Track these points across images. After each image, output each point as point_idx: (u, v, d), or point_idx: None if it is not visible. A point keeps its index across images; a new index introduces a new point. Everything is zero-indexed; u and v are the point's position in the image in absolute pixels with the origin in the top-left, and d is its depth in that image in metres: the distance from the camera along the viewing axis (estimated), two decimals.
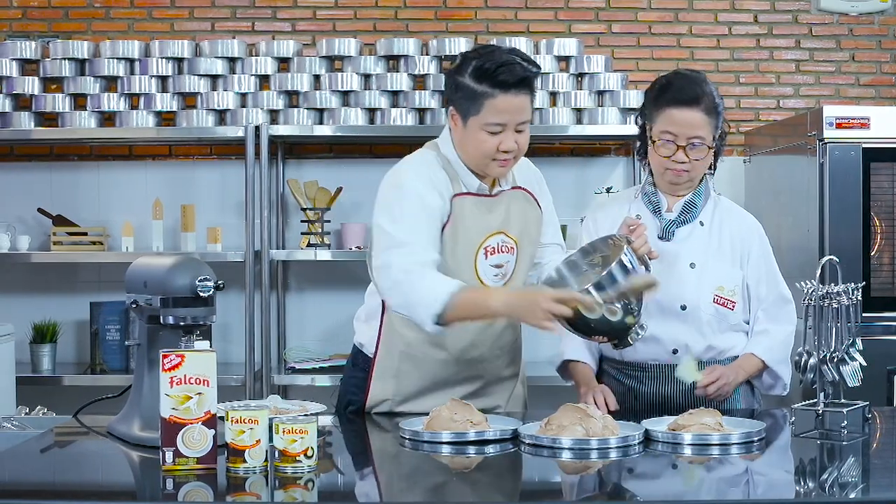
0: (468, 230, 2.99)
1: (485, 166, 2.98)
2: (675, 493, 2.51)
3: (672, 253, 3.11)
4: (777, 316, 3.16)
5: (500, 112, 2.89)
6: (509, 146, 2.92)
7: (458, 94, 2.93)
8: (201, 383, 2.46)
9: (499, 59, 2.88)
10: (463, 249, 2.98)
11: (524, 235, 3.08)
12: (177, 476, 2.43)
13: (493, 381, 3.16)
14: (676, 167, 3.07)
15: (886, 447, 2.95)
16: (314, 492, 2.39)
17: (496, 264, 3.03)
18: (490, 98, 2.88)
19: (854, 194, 4.34)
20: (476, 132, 2.92)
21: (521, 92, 2.90)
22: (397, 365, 3.09)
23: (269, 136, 4.72)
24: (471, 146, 2.96)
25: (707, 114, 3.04)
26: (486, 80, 2.88)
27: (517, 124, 2.92)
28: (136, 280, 2.80)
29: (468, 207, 2.99)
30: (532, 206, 3.13)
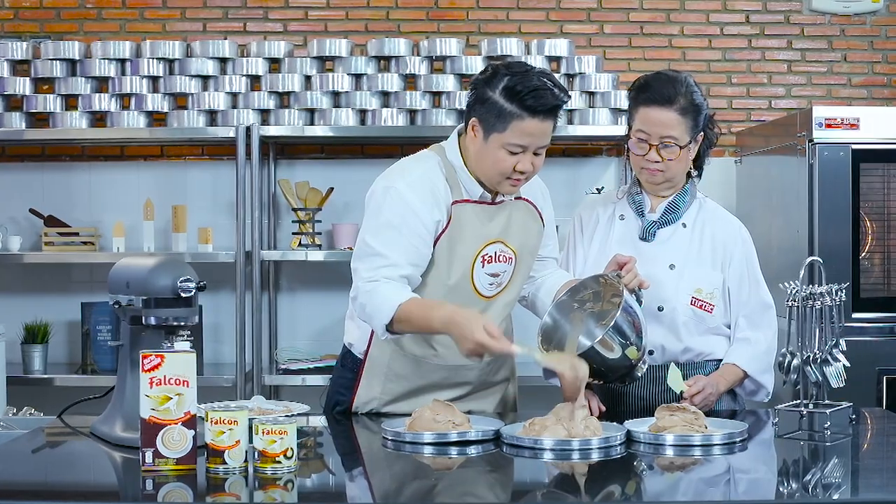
0: (466, 237, 2.98)
1: (496, 183, 2.97)
2: (655, 493, 2.51)
3: (652, 254, 3.11)
4: (758, 322, 3.15)
5: (524, 135, 2.88)
6: (525, 168, 2.93)
7: (485, 107, 2.90)
8: (181, 384, 2.46)
9: (533, 82, 2.86)
10: (460, 256, 2.97)
11: (524, 247, 3.08)
12: (156, 476, 2.43)
13: (482, 385, 3.16)
14: (650, 166, 3.07)
15: (870, 448, 2.95)
16: (294, 492, 2.39)
17: (493, 273, 3.02)
18: (518, 119, 2.86)
19: (843, 195, 4.34)
20: (496, 149, 2.91)
21: (548, 118, 2.90)
22: (388, 365, 3.09)
23: (259, 136, 4.73)
24: (488, 162, 2.94)
25: (681, 114, 3.03)
26: (517, 101, 2.85)
27: (537, 147, 2.92)
28: (118, 281, 2.80)
29: (468, 214, 2.98)
30: (534, 218, 3.12)
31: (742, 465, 2.70)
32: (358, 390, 3.11)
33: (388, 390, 3.10)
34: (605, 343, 2.82)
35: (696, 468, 2.64)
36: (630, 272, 2.93)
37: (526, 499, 2.50)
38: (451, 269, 2.97)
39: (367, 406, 3.12)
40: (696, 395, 2.98)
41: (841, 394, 3.05)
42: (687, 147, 3.07)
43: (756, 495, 2.52)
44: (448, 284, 2.96)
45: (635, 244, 3.12)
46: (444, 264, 2.97)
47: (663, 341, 3.08)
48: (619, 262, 2.96)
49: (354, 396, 3.12)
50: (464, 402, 3.07)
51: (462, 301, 2.94)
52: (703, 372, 3.12)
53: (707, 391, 3.01)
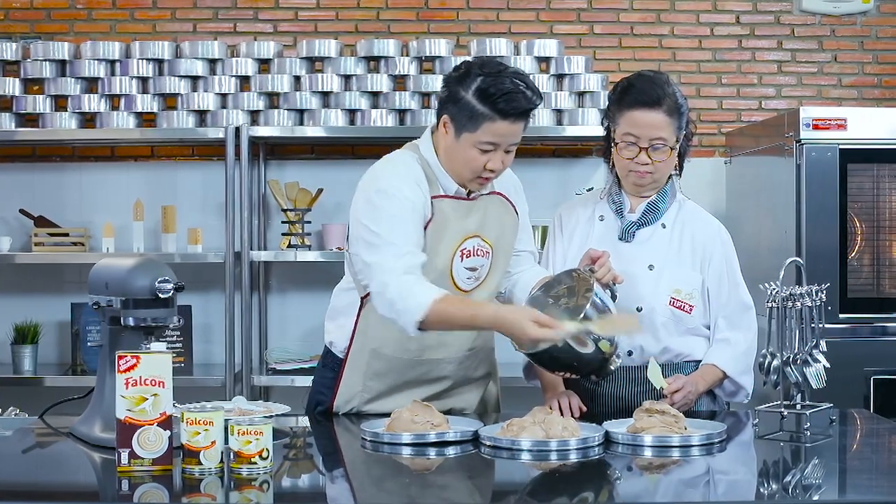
0: (445, 232, 2.99)
1: (467, 180, 3.00)
2: (633, 494, 2.51)
3: (631, 254, 3.11)
4: (737, 323, 3.15)
5: (496, 135, 2.91)
6: (496, 166, 2.96)
7: (458, 107, 2.92)
8: (157, 385, 2.46)
9: (506, 85, 2.88)
10: (441, 250, 2.99)
11: (500, 241, 3.09)
12: (132, 477, 2.44)
13: (462, 381, 3.15)
14: (639, 169, 3.06)
15: (850, 449, 2.94)
16: (269, 493, 2.39)
17: (471, 267, 3.04)
18: (489, 121, 2.89)
19: (831, 195, 4.34)
20: (467, 148, 2.93)
21: (520, 120, 2.92)
22: (367, 363, 3.09)
23: (249, 137, 4.73)
24: (459, 159, 2.96)
25: (669, 115, 3.03)
26: (489, 103, 2.88)
27: (508, 146, 2.95)
28: (98, 281, 2.81)
29: (446, 209, 3.00)
30: (509, 212, 3.14)
31: (721, 467, 2.70)
32: (339, 389, 3.12)
33: (369, 388, 3.10)
34: (578, 338, 2.81)
35: (675, 469, 2.64)
36: (603, 266, 2.94)
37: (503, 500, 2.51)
38: (433, 262, 2.98)
39: (348, 405, 3.12)
40: (676, 393, 2.97)
41: (829, 395, 3.05)
42: (674, 147, 3.07)
43: (735, 496, 2.52)
44: (429, 278, 2.96)
45: (615, 244, 3.12)
46: (428, 258, 2.97)
47: (642, 342, 3.08)
48: (591, 257, 2.97)
49: (335, 395, 3.12)
50: (444, 400, 3.08)
51: None
52: (682, 373, 3.11)
53: (687, 389, 3.00)
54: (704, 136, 5.19)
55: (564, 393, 3.07)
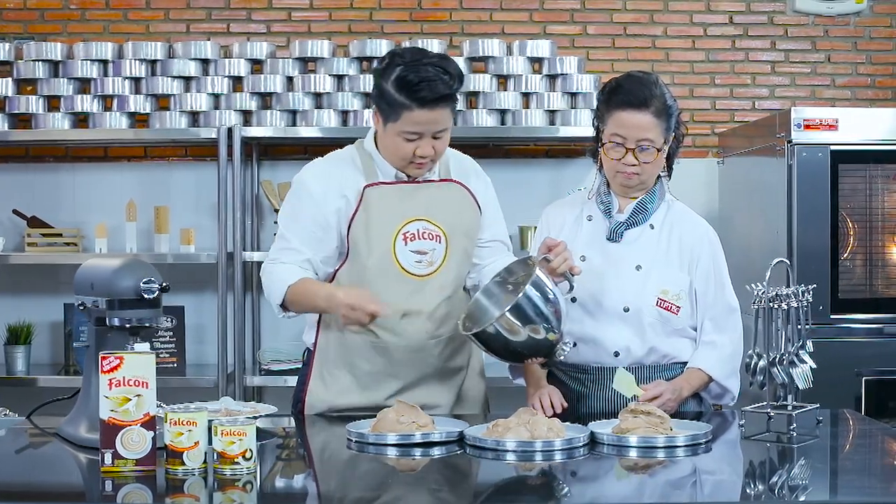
0: (381, 217, 3.04)
1: (402, 167, 3.07)
2: (618, 495, 2.51)
3: (619, 255, 3.10)
4: (723, 325, 3.13)
5: (416, 124, 2.97)
6: (426, 152, 3.01)
7: (381, 98, 3.00)
8: (140, 385, 2.47)
9: (422, 73, 2.93)
10: (377, 236, 3.04)
11: (455, 227, 3.11)
12: (116, 478, 2.44)
13: (432, 373, 3.13)
14: (627, 170, 3.06)
15: (836, 450, 2.94)
16: (253, 494, 2.39)
17: (418, 250, 3.07)
18: (408, 110, 2.95)
19: (822, 196, 4.34)
20: (393, 137, 3.01)
21: (438, 106, 2.96)
22: (336, 351, 3.13)
23: (241, 137, 4.73)
24: (388, 147, 3.06)
25: (657, 116, 3.03)
26: (406, 92, 2.94)
27: (434, 132, 2.99)
28: (83, 282, 2.81)
29: (381, 196, 3.05)
30: (467, 199, 3.16)
31: (707, 467, 2.70)
32: (310, 379, 3.16)
33: (336, 377, 3.13)
34: (507, 324, 2.82)
35: (660, 470, 2.64)
36: (559, 255, 2.93)
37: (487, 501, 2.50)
38: (370, 248, 3.04)
39: (320, 400, 3.14)
40: (654, 401, 2.93)
41: (820, 396, 3.05)
42: (662, 149, 3.07)
43: (721, 497, 2.51)
44: (369, 265, 3.03)
45: (603, 245, 3.11)
46: (363, 245, 3.05)
47: (629, 343, 3.07)
48: (548, 245, 2.96)
49: (306, 387, 3.15)
50: (414, 392, 3.08)
51: (391, 281, 3.04)
52: (669, 374, 3.11)
53: (665, 397, 2.98)
54: (698, 136, 5.20)
55: (546, 389, 3.06)
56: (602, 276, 3.07)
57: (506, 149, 5.17)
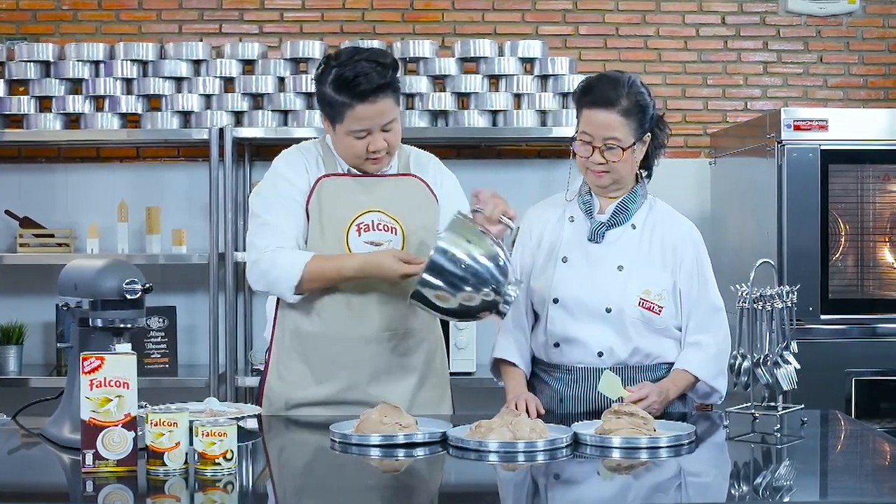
0: (333, 207, 3.08)
1: (360, 165, 3.11)
2: (601, 497, 2.50)
3: (600, 255, 3.10)
4: (708, 325, 3.13)
5: (361, 120, 3.00)
6: (378, 146, 3.05)
7: (323, 102, 3.05)
8: (121, 386, 2.47)
9: (356, 68, 2.97)
10: (329, 226, 3.07)
11: (412, 220, 3.13)
12: (97, 478, 2.44)
13: (385, 369, 3.13)
14: (595, 168, 3.07)
15: (820, 450, 2.94)
16: (234, 494, 2.39)
17: (371, 241, 3.10)
18: (350, 108, 2.99)
19: (812, 196, 4.34)
20: (343, 137, 3.05)
21: (379, 98, 2.99)
22: (288, 350, 3.17)
23: (233, 138, 4.73)
24: (342, 149, 3.10)
25: (624, 116, 3.02)
26: (344, 91, 2.98)
27: (382, 126, 3.02)
28: (67, 282, 2.81)
29: (333, 187, 3.09)
30: (424, 192, 3.19)
31: (690, 468, 2.69)
32: (267, 372, 3.20)
33: (291, 370, 3.15)
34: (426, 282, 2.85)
35: (644, 471, 2.63)
36: (489, 202, 2.95)
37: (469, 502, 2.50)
38: (323, 238, 3.08)
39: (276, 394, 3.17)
40: (639, 403, 2.92)
41: (809, 396, 3.05)
42: (631, 148, 3.06)
43: (705, 498, 2.51)
44: (324, 252, 3.06)
45: (584, 245, 3.11)
46: (317, 234, 3.09)
47: (612, 343, 3.07)
48: (475, 195, 2.99)
49: (264, 381, 3.19)
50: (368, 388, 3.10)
51: None
52: (654, 375, 3.11)
53: (651, 398, 2.97)
54: (690, 136, 5.20)
55: (524, 395, 3.06)
56: (584, 277, 3.07)
57: (498, 149, 5.17)
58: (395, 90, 3.05)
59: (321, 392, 3.11)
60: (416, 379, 3.18)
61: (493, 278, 2.87)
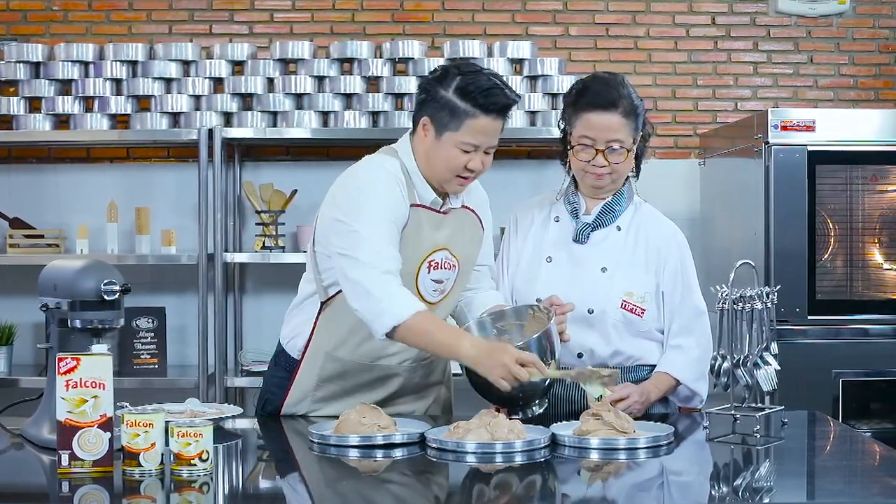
0: (418, 241, 2.99)
1: (447, 181, 2.99)
2: (577, 497, 2.50)
3: (584, 256, 3.10)
4: (691, 329, 3.13)
5: (477, 133, 2.92)
6: (476, 166, 2.96)
7: (438, 106, 2.93)
8: (97, 386, 2.47)
9: (485, 82, 2.91)
10: (408, 259, 2.97)
11: (467, 257, 3.11)
12: (73, 479, 2.44)
13: (412, 388, 3.16)
14: (597, 171, 3.06)
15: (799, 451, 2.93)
16: (210, 495, 2.39)
17: (437, 279, 3.04)
18: (472, 118, 2.91)
19: (800, 197, 4.34)
20: (449, 147, 2.94)
21: (500, 117, 2.94)
22: (322, 365, 3.10)
23: (222, 138, 4.73)
24: (440, 159, 2.96)
25: (625, 117, 3.02)
26: (471, 100, 2.90)
27: (487, 147, 2.96)
28: (47, 283, 2.82)
29: (422, 218, 3.00)
30: (476, 227, 3.15)
31: (668, 469, 2.68)
32: (291, 390, 3.12)
33: (321, 389, 3.11)
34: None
35: (624, 472, 2.63)
36: (559, 317, 2.92)
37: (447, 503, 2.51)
38: (401, 269, 2.94)
39: (298, 406, 3.13)
40: (619, 403, 2.93)
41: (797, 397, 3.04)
42: (631, 149, 3.07)
43: (684, 499, 2.51)
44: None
45: (569, 246, 3.11)
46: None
47: (593, 345, 3.07)
48: (554, 303, 2.96)
49: (286, 396, 3.13)
50: (393, 405, 3.08)
51: None
52: (635, 377, 3.11)
53: (633, 399, 2.97)
54: (680, 137, 5.20)
55: None
56: (567, 278, 3.07)
57: None
58: (507, 118, 2.98)
59: (345, 406, 2.98)
60: (437, 391, 3.22)
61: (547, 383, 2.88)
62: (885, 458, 2.77)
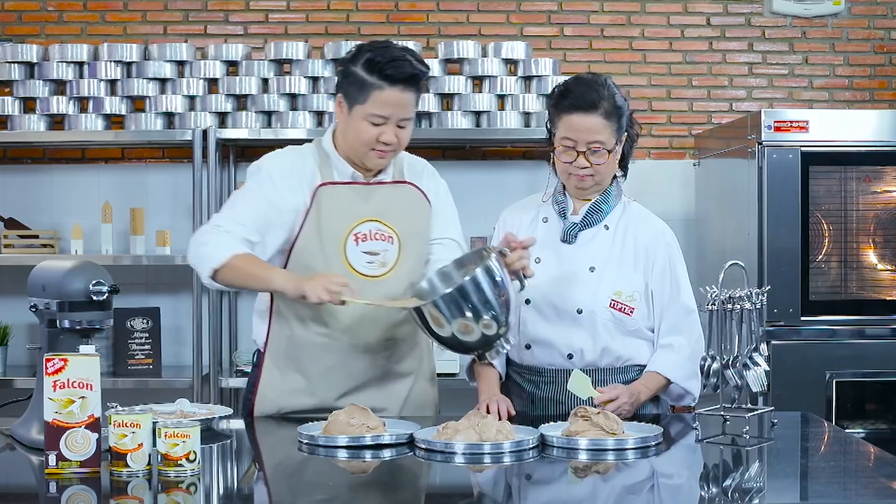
0: (332, 217, 3.06)
1: (363, 155, 3.06)
2: (565, 499, 2.50)
3: (573, 256, 3.10)
4: (681, 327, 3.12)
5: (384, 104, 2.99)
6: (389, 139, 3.02)
7: (348, 81, 3.02)
8: (84, 387, 2.47)
9: (391, 54, 2.99)
10: (328, 235, 3.05)
11: (408, 229, 3.12)
12: (60, 479, 2.44)
13: (381, 376, 3.14)
14: (579, 172, 3.06)
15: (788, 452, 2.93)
16: (197, 495, 2.39)
17: (369, 251, 3.08)
18: (378, 90, 2.98)
19: (793, 198, 4.34)
20: (359, 120, 3.02)
21: (407, 88, 3.00)
22: (285, 352, 3.14)
23: (217, 139, 4.74)
24: (352, 133, 3.05)
25: (606, 118, 3.02)
26: (376, 71, 2.98)
27: (399, 120, 3.02)
28: (36, 284, 2.82)
29: (333, 195, 3.07)
30: (421, 201, 3.17)
31: (657, 470, 2.69)
32: (260, 381, 3.16)
33: (288, 381, 3.13)
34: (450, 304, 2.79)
35: (614, 473, 2.62)
36: (516, 252, 2.90)
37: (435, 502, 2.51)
38: (322, 247, 3.04)
39: (269, 401, 3.14)
40: (609, 403, 2.93)
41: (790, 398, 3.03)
42: (614, 150, 3.06)
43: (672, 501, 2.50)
44: (318, 264, 3.03)
45: (557, 246, 3.11)
46: (315, 243, 3.05)
47: (582, 344, 3.07)
48: (508, 240, 2.94)
49: (256, 391, 3.15)
50: (363, 395, 3.09)
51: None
52: (625, 377, 3.11)
53: (622, 400, 2.96)
54: (675, 137, 5.20)
55: (496, 397, 3.06)
56: (556, 278, 3.07)
57: (483, 150, 5.17)
58: (420, 90, 3.06)
59: (315, 400, 3.08)
60: (410, 382, 3.20)
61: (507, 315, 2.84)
62: (877, 459, 2.76)
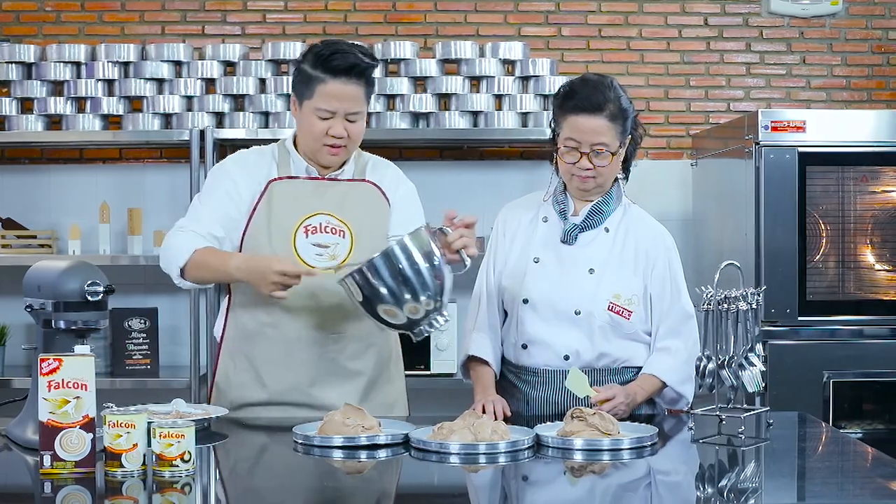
0: (283, 209, 3.10)
1: (316, 151, 3.11)
2: (560, 499, 2.50)
3: (572, 257, 3.10)
4: (678, 331, 3.12)
5: (329, 98, 3.03)
6: (338, 132, 3.06)
7: (298, 79, 3.09)
8: (79, 387, 2.47)
9: (335, 47, 3.04)
10: (277, 227, 3.09)
11: (362, 223, 3.14)
12: (55, 480, 2.44)
13: (331, 372, 3.14)
14: (582, 174, 3.06)
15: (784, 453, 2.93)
16: (192, 496, 2.39)
17: (319, 243, 3.11)
18: (321, 83, 3.03)
19: (790, 198, 4.33)
20: (308, 115, 3.07)
21: (351, 81, 3.04)
22: (236, 350, 3.18)
23: (214, 139, 4.73)
24: (303, 129, 3.12)
25: (611, 120, 3.01)
26: (319, 65, 3.04)
27: (348, 113, 3.05)
28: (31, 284, 2.82)
29: (287, 189, 3.12)
30: (379, 199, 3.21)
31: (653, 469, 2.69)
32: (217, 369, 3.21)
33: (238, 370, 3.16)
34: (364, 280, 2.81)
35: (607, 473, 2.63)
36: (457, 231, 2.88)
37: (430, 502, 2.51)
38: (270, 239, 3.09)
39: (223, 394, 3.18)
40: (605, 403, 2.93)
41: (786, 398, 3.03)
42: (618, 152, 3.06)
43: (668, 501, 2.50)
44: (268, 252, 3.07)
45: (557, 247, 3.11)
46: (264, 234, 3.10)
47: (578, 346, 3.06)
48: (449, 217, 2.92)
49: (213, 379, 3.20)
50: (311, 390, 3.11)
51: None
52: (621, 379, 3.11)
53: (618, 400, 2.96)
54: (672, 138, 5.20)
55: (492, 397, 3.06)
56: (555, 279, 3.07)
57: (481, 150, 5.17)
58: (369, 84, 3.09)
59: (264, 393, 3.13)
60: (364, 383, 3.18)
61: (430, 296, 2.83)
62: (875, 459, 2.76)
